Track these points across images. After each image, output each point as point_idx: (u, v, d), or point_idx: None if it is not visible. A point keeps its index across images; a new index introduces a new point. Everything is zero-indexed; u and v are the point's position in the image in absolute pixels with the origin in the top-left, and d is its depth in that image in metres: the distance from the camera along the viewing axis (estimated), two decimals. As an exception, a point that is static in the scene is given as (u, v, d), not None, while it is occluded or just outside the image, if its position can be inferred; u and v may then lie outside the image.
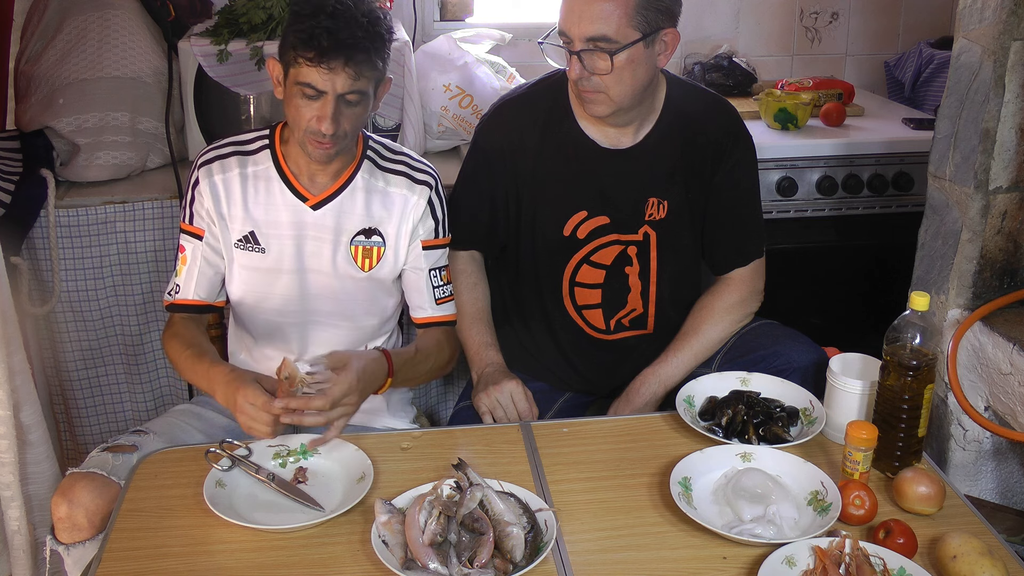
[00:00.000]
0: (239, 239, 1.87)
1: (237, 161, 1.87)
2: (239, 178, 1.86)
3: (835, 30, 3.40)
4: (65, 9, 2.59)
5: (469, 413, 2.03)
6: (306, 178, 1.86)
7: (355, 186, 1.88)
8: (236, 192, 1.86)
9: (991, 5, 2.00)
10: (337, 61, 1.68)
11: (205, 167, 1.87)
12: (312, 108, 1.72)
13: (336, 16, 1.67)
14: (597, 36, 1.83)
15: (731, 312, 2.08)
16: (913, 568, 1.42)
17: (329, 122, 1.71)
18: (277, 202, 1.86)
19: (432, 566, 1.41)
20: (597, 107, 1.92)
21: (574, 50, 1.85)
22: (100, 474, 1.73)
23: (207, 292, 1.92)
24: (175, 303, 1.92)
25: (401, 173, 1.91)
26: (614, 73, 1.85)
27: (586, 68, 1.85)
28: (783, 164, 2.77)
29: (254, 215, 1.86)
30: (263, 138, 1.89)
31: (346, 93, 1.71)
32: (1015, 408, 1.99)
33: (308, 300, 1.90)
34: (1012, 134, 2.05)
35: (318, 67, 1.68)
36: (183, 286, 1.91)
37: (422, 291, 1.95)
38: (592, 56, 1.85)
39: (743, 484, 1.60)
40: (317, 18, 1.67)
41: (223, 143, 1.90)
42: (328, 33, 1.66)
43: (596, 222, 2.03)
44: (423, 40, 3.06)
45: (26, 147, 2.51)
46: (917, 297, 1.64)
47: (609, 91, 1.88)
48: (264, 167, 1.87)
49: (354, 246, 1.88)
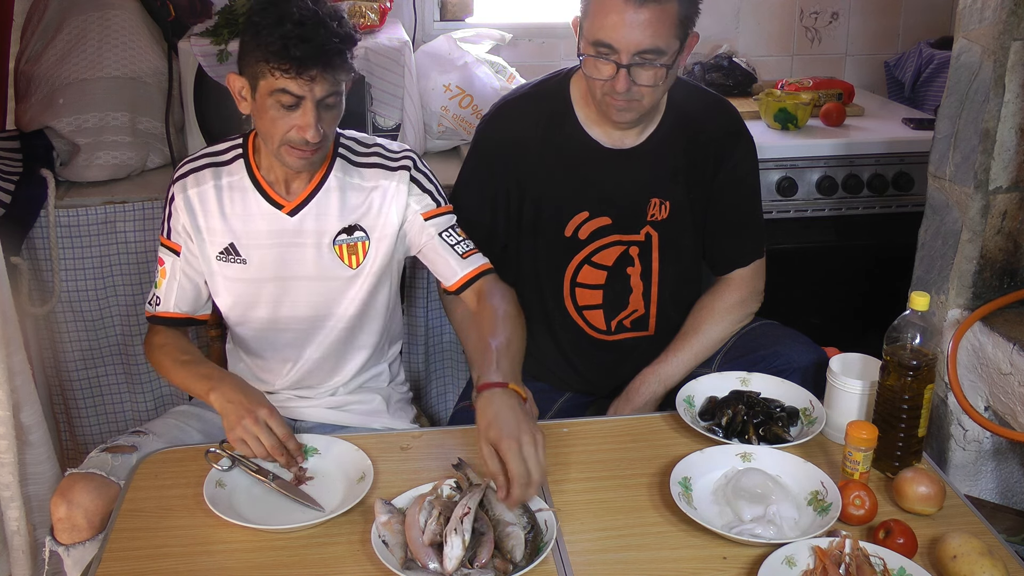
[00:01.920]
0: (220, 252, 1.85)
1: (211, 173, 1.84)
2: (214, 190, 1.84)
3: (835, 30, 3.40)
4: (65, 9, 2.59)
5: (469, 413, 2.02)
6: (281, 186, 1.84)
7: (329, 186, 1.85)
8: (212, 204, 1.84)
9: (991, 5, 2.00)
10: (315, 69, 1.64)
11: (180, 182, 1.85)
12: (291, 118, 1.68)
13: (304, 23, 1.62)
14: (650, 49, 1.78)
15: (731, 312, 2.08)
16: (913, 568, 1.42)
17: (314, 130, 1.67)
18: (254, 212, 1.84)
19: (432, 566, 1.41)
20: (628, 115, 1.89)
21: (623, 63, 1.80)
22: (100, 474, 1.73)
23: (189, 306, 1.92)
24: (157, 315, 1.91)
25: (375, 165, 1.88)
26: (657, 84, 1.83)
27: (633, 80, 1.82)
28: (783, 164, 2.77)
29: (233, 226, 1.84)
30: (236, 147, 1.86)
31: (325, 97, 1.68)
32: (1015, 408, 1.99)
33: (296, 307, 1.89)
34: (1012, 134, 2.05)
35: (296, 78, 1.64)
36: (163, 299, 1.90)
37: (443, 256, 1.89)
38: (641, 69, 1.81)
39: (743, 484, 1.60)
40: (283, 27, 1.62)
41: (198, 155, 1.88)
42: (301, 41, 1.61)
43: (598, 223, 2.02)
44: (423, 40, 3.06)
45: (26, 147, 2.51)
46: (917, 297, 1.64)
47: (644, 99, 1.86)
48: (238, 177, 1.84)
49: (338, 245, 1.86)
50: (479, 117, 2.54)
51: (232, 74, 1.76)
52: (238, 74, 1.74)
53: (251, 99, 1.73)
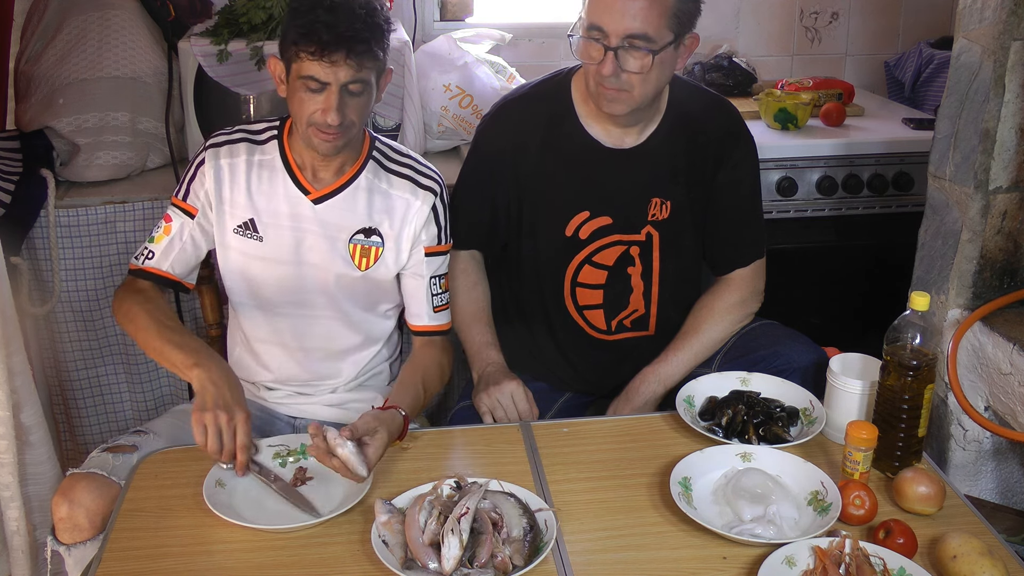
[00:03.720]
0: (238, 225, 1.87)
1: (246, 148, 1.88)
2: (245, 164, 1.87)
3: (835, 30, 3.40)
4: (65, 9, 2.59)
5: (469, 413, 2.03)
6: (310, 172, 1.87)
7: (358, 185, 1.88)
8: (241, 178, 1.86)
9: (991, 5, 2.00)
10: (339, 54, 1.69)
11: (213, 149, 1.88)
12: (316, 101, 1.73)
13: (334, 10, 1.69)
14: (637, 34, 1.81)
15: (731, 312, 2.08)
16: (913, 568, 1.42)
17: (334, 113, 1.72)
18: (279, 193, 1.86)
19: (432, 566, 1.41)
20: (618, 105, 1.90)
21: (611, 46, 1.83)
22: (100, 474, 1.73)
23: (182, 269, 1.90)
24: (144, 269, 1.88)
25: (406, 176, 1.90)
26: (645, 73, 1.84)
27: (621, 66, 1.84)
28: (783, 164, 2.77)
29: (256, 203, 1.86)
30: (272, 128, 1.90)
31: (349, 83, 1.72)
32: (1015, 408, 1.99)
33: (303, 293, 1.90)
34: (1012, 134, 2.05)
35: (320, 61, 1.69)
36: (158, 255, 1.88)
37: (421, 299, 1.95)
38: (628, 54, 1.83)
39: (743, 484, 1.60)
40: (315, 12, 1.68)
41: (234, 129, 1.91)
42: (327, 27, 1.67)
43: (598, 222, 2.03)
44: (423, 40, 3.06)
45: (26, 147, 2.51)
46: (917, 297, 1.64)
47: (634, 90, 1.87)
48: (271, 157, 1.87)
49: (352, 244, 1.88)
50: (479, 117, 2.54)
51: (273, 57, 1.82)
52: (278, 58, 1.80)
53: (286, 82, 1.78)
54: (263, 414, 2.01)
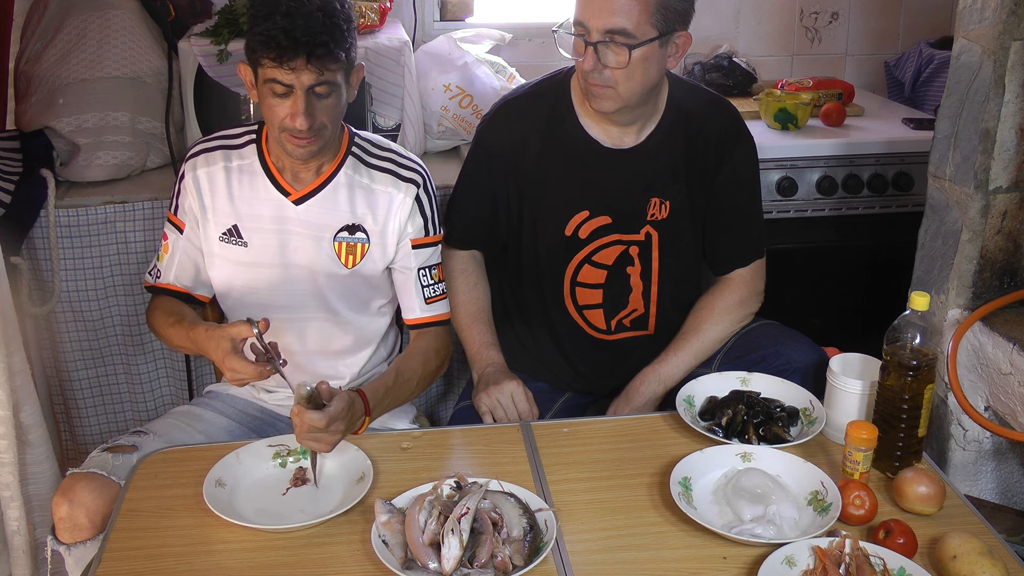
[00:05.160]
0: (223, 232, 1.88)
1: (222, 155, 1.88)
2: (223, 171, 1.87)
3: (835, 30, 3.40)
4: (65, 9, 2.59)
5: (469, 413, 2.03)
6: (289, 174, 1.87)
7: (338, 182, 1.87)
8: (220, 185, 1.87)
9: (991, 5, 2.00)
10: (299, 59, 1.68)
11: (191, 160, 1.89)
12: (284, 105, 1.73)
13: (291, 15, 1.67)
14: (616, 29, 1.82)
15: (731, 312, 2.08)
16: (913, 568, 1.42)
17: (303, 117, 1.71)
18: (260, 196, 1.87)
19: (432, 566, 1.41)
20: (604, 102, 1.91)
21: (591, 41, 1.85)
22: (100, 474, 1.73)
23: (189, 281, 1.94)
24: (156, 286, 1.94)
25: (387, 170, 1.90)
26: (627, 69, 1.85)
27: (601, 61, 1.85)
28: (783, 164, 2.77)
29: (239, 208, 1.87)
30: (251, 132, 1.90)
31: (314, 86, 1.72)
32: (1015, 408, 1.99)
33: (292, 296, 1.90)
34: (1012, 134, 2.05)
35: (281, 67, 1.69)
36: (164, 272, 1.94)
37: (411, 292, 1.94)
38: (608, 49, 1.84)
39: (743, 484, 1.60)
40: (273, 18, 1.68)
41: (212, 137, 1.92)
42: (285, 32, 1.67)
43: (598, 222, 2.03)
44: (423, 40, 3.06)
45: (26, 147, 2.51)
46: (917, 297, 1.64)
47: (619, 87, 1.87)
48: (249, 161, 1.88)
49: (337, 242, 1.88)
50: (479, 117, 2.54)
51: (241, 63, 1.81)
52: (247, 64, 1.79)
53: (255, 87, 1.78)
54: (263, 415, 2.01)
